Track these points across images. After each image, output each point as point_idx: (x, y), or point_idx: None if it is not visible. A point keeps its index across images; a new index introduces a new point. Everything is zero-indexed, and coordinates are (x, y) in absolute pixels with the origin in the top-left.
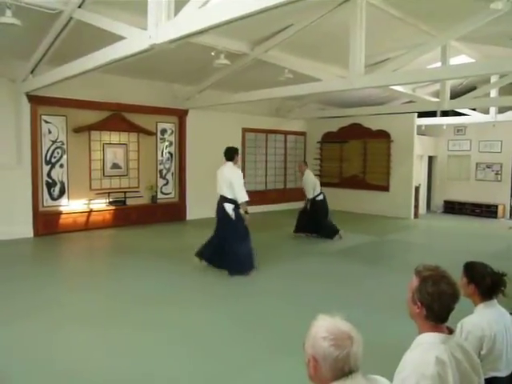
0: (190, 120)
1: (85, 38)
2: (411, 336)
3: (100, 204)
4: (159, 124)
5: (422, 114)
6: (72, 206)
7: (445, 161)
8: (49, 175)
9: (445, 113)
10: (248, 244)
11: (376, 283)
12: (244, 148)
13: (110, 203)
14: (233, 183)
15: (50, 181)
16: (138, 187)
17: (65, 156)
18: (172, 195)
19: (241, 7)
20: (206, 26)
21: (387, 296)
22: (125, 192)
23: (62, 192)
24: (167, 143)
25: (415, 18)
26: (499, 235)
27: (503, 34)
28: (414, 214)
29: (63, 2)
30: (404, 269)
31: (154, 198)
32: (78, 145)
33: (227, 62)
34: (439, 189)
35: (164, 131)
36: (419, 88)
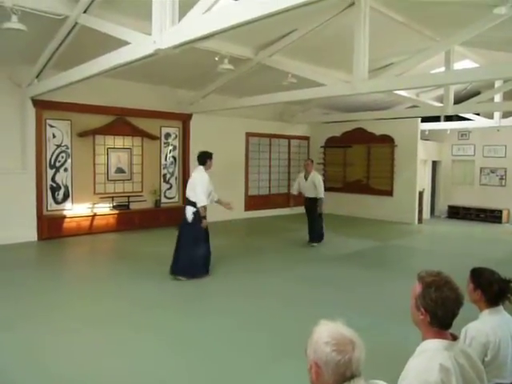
0: (194, 124)
1: (90, 43)
2: (415, 342)
3: (104, 208)
4: (163, 128)
5: (426, 119)
6: (76, 210)
7: (449, 166)
8: (53, 179)
9: (449, 118)
10: (202, 248)
11: (380, 289)
12: (248, 152)
13: (114, 207)
14: (195, 187)
15: (55, 185)
16: (142, 191)
17: (69, 160)
18: (175, 199)
19: (245, 12)
20: (211, 32)
21: (391, 301)
22: (128, 196)
23: (66, 196)
24: (171, 147)
25: (419, 23)
26: (504, 240)
27: (507, 39)
28: (418, 219)
29: (69, 8)
30: (408, 274)
31: (158, 203)
32: (83, 149)
33: (231, 67)
34: (443, 194)
35: (168, 135)
36: (423, 93)
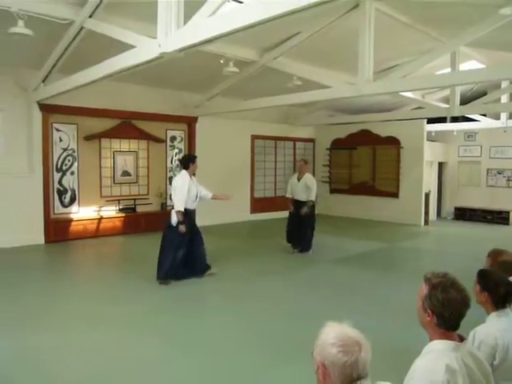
0: (200, 127)
1: (95, 47)
2: (421, 343)
3: (110, 211)
4: (169, 131)
5: (432, 120)
6: (82, 213)
7: (455, 167)
8: (60, 183)
9: (455, 119)
10: (184, 250)
11: (386, 290)
12: (253, 155)
13: (120, 210)
14: (174, 191)
15: (61, 188)
16: (148, 194)
17: (75, 163)
18: None
19: (250, 16)
20: (216, 35)
21: (397, 303)
22: (134, 199)
23: (73, 199)
24: (177, 150)
25: (424, 25)
26: None
27: None
28: (424, 221)
29: (74, 12)
30: (414, 276)
31: (164, 205)
32: (89, 152)
33: (236, 70)
34: (450, 195)
35: (173, 138)
36: (429, 94)
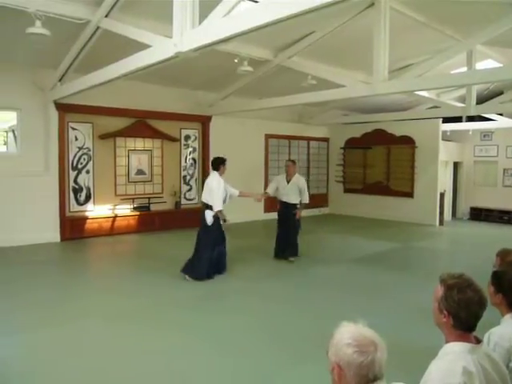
0: (214, 126)
1: (111, 47)
2: (437, 344)
3: (125, 209)
4: (183, 130)
5: (448, 120)
6: (97, 212)
7: (471, 167)
8: (75, 181)
9: (471, 118)
10: (217, 250)
11: (401, 291)
12: (267, 154)
13: (135, 209)
14: (211, 192)
15: (77, 186)
16: (162, 193)
17: (91, 162)
18: (195, 201)
19: (265, 15)
20: (231, 34)
21: (413, 303)
22: (149, 198)
23: (88, 197)
24: (191, 149)
25: (440, 23)
26: None
27: None
28: (439, 221)
29: (90, 12)
30: (429, 276)
31: (178, 204)
32: (104, 151)
33: (250, 69)
34: (465, 195)
35: (188, 137)
36: (444, 93)
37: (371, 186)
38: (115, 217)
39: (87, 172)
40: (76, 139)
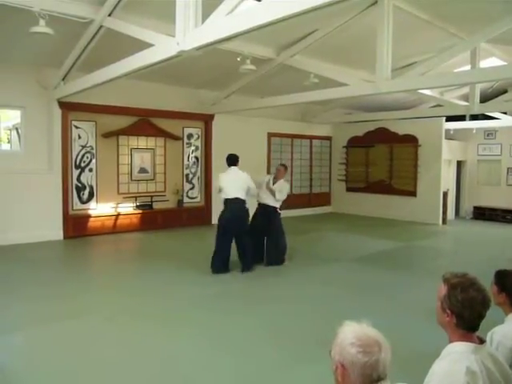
0: (216, 125)
1: (114, 46)
2: (441, 344)
3: (127, 208)
4: (185, 129)
5: (451, 118)
6: (100, 210)
7: (474, 166)
8: (78, 179)
9: (474, 116)
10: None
11: (404, 290)
12: (269, 153)
13: (137, 207)
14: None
15: (80, 185)
16: (165, 191)
17: (94, 160)
18: (198, 199)
19: (268, 14)
20: (234, 33)
21: (416, 303)
22: (151, 196)
23: (91, 196)
24: (193, 148)
25: (443, 21)
26: None
27: None
28: (443, 220)
29: (94, 11)
30: (432, 275)
31: (180, 202)
32: (107, 149)
33: (253, 68)
34: (468, 194)
35: (190, 136)
36: (447, 92)
37: (374, 185)
38: (118, 215)
39: (90, 170)
40: (79, 137)
